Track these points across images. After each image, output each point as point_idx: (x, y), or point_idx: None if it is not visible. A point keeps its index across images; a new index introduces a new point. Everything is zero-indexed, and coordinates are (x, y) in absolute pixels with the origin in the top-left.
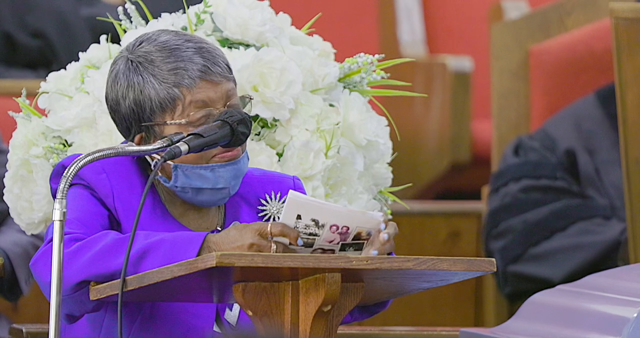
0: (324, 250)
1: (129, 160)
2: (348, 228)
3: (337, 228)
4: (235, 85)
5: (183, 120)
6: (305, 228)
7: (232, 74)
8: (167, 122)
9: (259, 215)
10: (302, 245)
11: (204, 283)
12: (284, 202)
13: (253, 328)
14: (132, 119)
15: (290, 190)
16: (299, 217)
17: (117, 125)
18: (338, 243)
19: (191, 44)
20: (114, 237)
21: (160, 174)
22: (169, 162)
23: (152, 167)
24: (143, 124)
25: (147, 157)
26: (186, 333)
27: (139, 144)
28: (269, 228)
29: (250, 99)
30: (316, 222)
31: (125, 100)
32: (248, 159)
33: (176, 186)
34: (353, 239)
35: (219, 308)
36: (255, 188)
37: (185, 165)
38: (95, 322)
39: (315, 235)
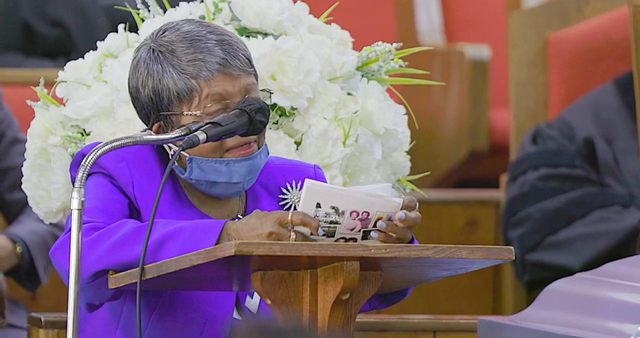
0: (346, 240)
1: (148, 150)
2: (368, 214)
3: (358, 214)
4: (257, 79)
5: (199, 112)
6: (326, 217)
7: (252, 67)
8: (184, 112)
9: (280, 203)
10: (322, 235)
11: (223, 271)
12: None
13: (271, 317)
14: (150, 107)
15: (307, 179)
16: (318, 205)
17: (137, 113)
18: (360, 230)
19: (213, 35)
20: (133, 225)
21: (177, 164)
22: (185, 154)
23: (170, 156)
24: (161, 113)
25: (165, 146)
26: (205, 321)
27: (157, 133)
28: (289, 217)
29: (271, 93)
30: (336, 209)
31: (144, 88)
32: (268, 152)
33: (191, 178)
34: (374, 226)
35: (239, 296)
36: (276, 177)
37: (200, 158)
38: (114, 311)
39: (336, 223)
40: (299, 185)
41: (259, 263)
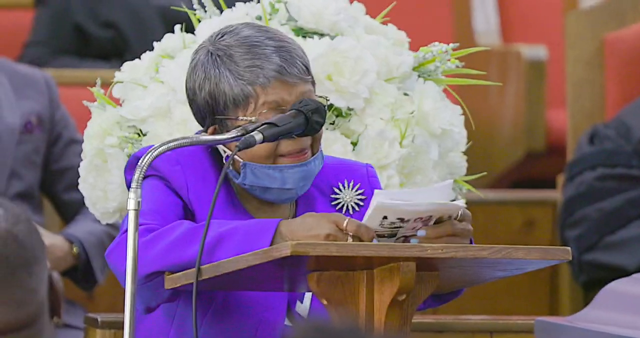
0: (406, 237)
1: (203, 153)
2: (431, 216)
3: (421, 218)
4: (314, 85)
5: (254, 118)
6: (391, 225)
7: (310, 75)
8: (240, 117)
9: (332, 203)
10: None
11: (279, 272)
12: (356, 191)
13: (325, 319)
14: (206, 110)
15: (376, 194)
16: (384, 217)
17: (193, 114)
18: (420, 228)
19: (272, 41)
20: (188, 226)
21: (231, 168)
22: (238, 159)
23: (224, 159)
24: (216, 117)
25: (220, 149)
26: (257, 325)
27: (212, 135)
28: (344, 224)
29: (327, 99)
30: (402, 219)
31: (201, 91)
32: (322, 159)
33: (244, 183)
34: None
35: (289, 301)
36: (328, 177)
37: (253, 164)
38: (168, 311)
39: (400, 227)
40: (351, 184)
41: (315, 263)
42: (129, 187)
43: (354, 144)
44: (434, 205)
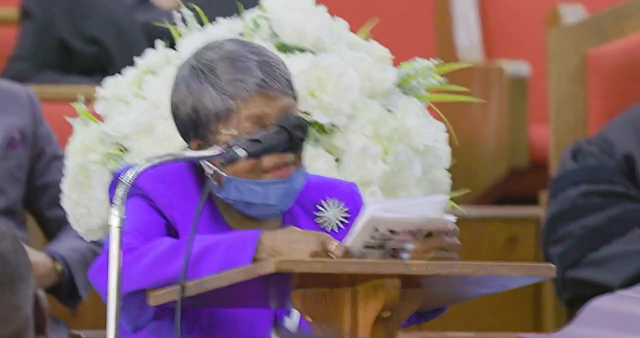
0: (395, 249)
1: (187, 170)
2: (420, 229)
3: (411, 231)
4: (296, 100)
5: (236, 132)
6: (381, 237)
7: (292, 89)
8: (222, 131)
9: (316, 220)
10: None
11: (263, 289)
12: (341, 209)
13: (313, 334)
14: (189, 125)
15: (370, 205)
16: (375, 229)
17: (177, 130)
18: (409, 241)
19: (254, 56)
20: (169, 242)
21: (215, 183)
22: (223, 174)
23: (208, 176)
24: (199, 131)
25: (203, 165)
26: None
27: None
28: (332, 248)
29: (310, 115)
30: (393, 232)
31: (184, 106)
32: (306, 176)
33: (228, 198)
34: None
35: (277, 316)
36: (312, 194)
37: (237, 178)
38: (154, 330)
39: (390, 239)
40: (335, 202)
41: (300, 280)
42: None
43: (337, 161)
44: (425, 218)
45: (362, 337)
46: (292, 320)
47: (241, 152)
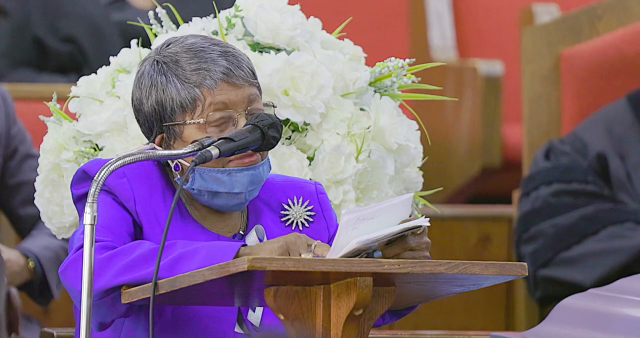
0: (368, 253)
1: (149, 163)
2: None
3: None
4: (260, 91)
5: (201, 120)
6: (358, 250)
7: (256, 79)
8: (187, 121)
9: (282, 219)
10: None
11: (236, 287)
12: (306, 207)
13: (279, 329)
14: (153, 118)
15: (345, 216)
16: (357, 249)
17: (140, 126)
18: (376, 248)
19: (217, 47)
20: (149, 246)
21: (178, 176)
22: (186, 163)
23: (172, 168)
24: (164, 124)
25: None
26: (207, 336)
27: (159, 145)
28: (312, 245)
29: (274, 106)
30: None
31: (148, 99)
32: (270, 166)
33: (193, 188)
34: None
35: (241, 310)
36: (277, 193)
37: (202, 168)
38: (115, 326)
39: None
40: (300, 201)
41: (272, 278)
42: (75, 201)
43: (310, 159)
44: (400, 229)
45: (335, 335)
46: (255, 313)
47: (214, 150)
